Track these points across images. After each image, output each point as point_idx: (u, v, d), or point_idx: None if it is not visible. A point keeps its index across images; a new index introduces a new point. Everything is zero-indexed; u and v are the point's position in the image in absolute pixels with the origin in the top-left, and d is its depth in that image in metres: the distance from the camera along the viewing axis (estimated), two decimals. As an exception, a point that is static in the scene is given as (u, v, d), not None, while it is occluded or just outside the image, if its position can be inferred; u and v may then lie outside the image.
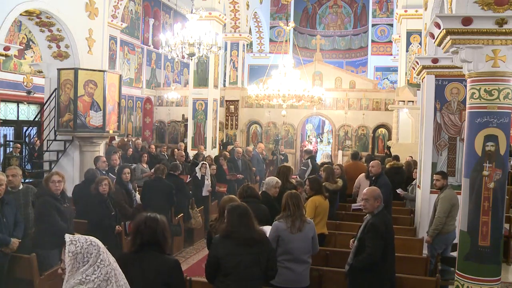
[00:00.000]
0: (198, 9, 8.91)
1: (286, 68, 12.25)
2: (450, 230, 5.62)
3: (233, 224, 3.47)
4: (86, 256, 2.04)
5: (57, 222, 4.96)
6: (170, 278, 2.92)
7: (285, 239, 4.09)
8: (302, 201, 4.37)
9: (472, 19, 3.99)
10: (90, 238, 2.12)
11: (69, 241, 2.05)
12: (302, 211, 4.27)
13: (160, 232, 2.96)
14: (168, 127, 17.66)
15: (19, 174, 5.21)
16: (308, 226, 4.21)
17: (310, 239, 4.20)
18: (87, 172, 6.82)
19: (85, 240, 2.08)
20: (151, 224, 2.96)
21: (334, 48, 23.96)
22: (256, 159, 12.05)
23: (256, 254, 3.44)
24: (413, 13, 12.10)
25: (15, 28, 12.29)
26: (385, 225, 4.01)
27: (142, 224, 2.96)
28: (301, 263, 4.15)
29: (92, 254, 2.06)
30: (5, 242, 4.48)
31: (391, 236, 4.07)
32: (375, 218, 4.02)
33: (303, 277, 4.18)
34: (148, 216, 3.01)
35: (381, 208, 4.07)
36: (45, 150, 8.47)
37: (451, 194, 5.65)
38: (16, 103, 12.84)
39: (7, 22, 6.81)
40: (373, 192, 4.12)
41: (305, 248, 4.16)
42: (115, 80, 8.56)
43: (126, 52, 16.60)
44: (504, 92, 4.09)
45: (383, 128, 15.46)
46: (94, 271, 2.03)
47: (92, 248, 2.07)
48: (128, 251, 3.03)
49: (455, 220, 5.53)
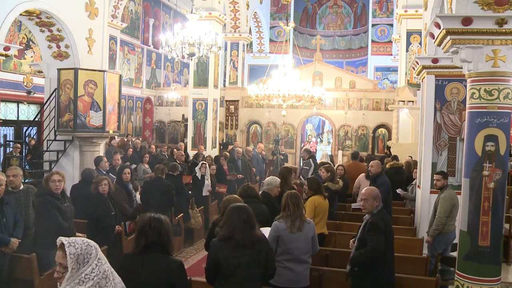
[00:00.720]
0: (198, 9, 8.91)
1: (286, 68, 12.24)
2: (450, 230, 5.62)
3: (235, 226, 3.41)
4: (86, 257, 2.07)
5: (59, 221, 4.97)
6: (174, 280, 2.92)
7: (285, 239, 4.09)
8: (302, 201, 4.37)
9: (472, 19, 3.99)
10: (84, 239, 2.15)
11: (67, 244, 2.05)
12: (302, 211, 4.26)
13: (165, 232, 2.95)
14: (168, 127, 17.66)
15: (20, 175, 5.22)
16: (308, 226, 4.21)
17: (310, 239, 4.20)
18: (84, 171, 6.82)
19: (82, 241, 2.11)
20: (156, 224, 2.94)
21: (334, 48, 23.96)
22: (256, 159, 12.06)
23: (255, 255, 3.42)
24: (413, 13, 12.10)
25: (15, 28, 12.29)
26: (384, 224, 4.01)
27: (146, 225, 2.94)
28: (301, 263, 4.14)
29: (92, 254, 2.08)
30: (5, 242, 4.48)
31: (390, 236, 4.07)
32: (374, 217, 4.03)
33: (303, 277, 4.17)
34: (152, 217, 2.98)
35: (380, 208, 4.08)
36: (45, 150, 8.48)
37: (452, 194, 5.66)
38: (16, 103, 12.84)
39: (7, 22, 6.81)
40: (372, 192, 4.12)
41: (305, 248, 4.15)
42: (115, 80, 8.56)
43: (126, 52, 16.60)
44: (504, 92, 4.09)
45: (383, 128, 15.47)
46: (93, 270, 2.06)
47: (90, 249, 2.09)
48: (132, 252, 3.01)
49: (455, 220, 5.53)
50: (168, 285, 2.90)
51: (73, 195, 6.41)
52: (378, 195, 4.09)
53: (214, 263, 3.42)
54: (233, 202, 3.87)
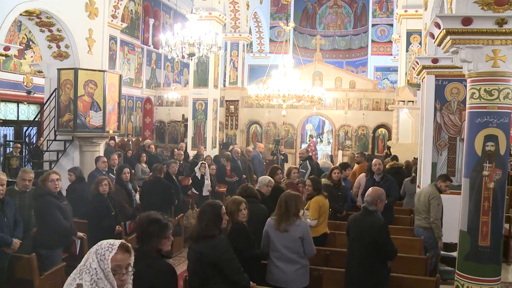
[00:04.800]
0: (198, 9, 8.91)
1: (286, 68, 12.23)
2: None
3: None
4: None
5: (60, 220, 5.01)
6: (157, 283, 2.79)
7: (271, 235, 4.19)
8: (295, 204, 4.24)
9: (472, 19, 3.99)
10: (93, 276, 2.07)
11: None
12: (293, 211, 4.18)
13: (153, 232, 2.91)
14: (168, 127, 17.66)
15: (33, 178, 5.23)
16: (296, 228, 4.13)
17: (297, 240, 4.12)
18: (75, 169, 6.78)
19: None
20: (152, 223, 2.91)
21: (334, 48, 23.96)
22: (258, 160, 11.92)
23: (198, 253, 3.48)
24: (413, 13, 12.10)
25: (15, 28, 12.29)
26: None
27: (144, 224, 2.91)
28: (291, 263, 4.12)
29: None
30: (8, 242, 4.48)
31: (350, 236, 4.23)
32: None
33: (296, 278, 4.12)
34: (149, 216, 2.96)
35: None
36: (45, 150, 8.47)
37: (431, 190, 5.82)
38: (16, 103, 12.84)
39: (7, 22, 6.81)
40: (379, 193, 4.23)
41: (292, 248, 4.13)
42: (115, 80, 8.56)
43: (126, 52, 16.60)
44: (504, 92, 4.09)
45: (383, 128, 15.47)
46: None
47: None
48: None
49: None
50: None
51: (68, 194, 6.39)
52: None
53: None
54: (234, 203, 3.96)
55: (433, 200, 5.64)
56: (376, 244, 4.00)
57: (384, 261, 4.10)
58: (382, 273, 4.07)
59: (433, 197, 5.67)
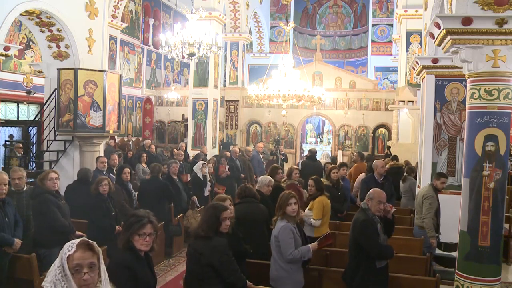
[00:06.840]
0: (198, 9, 8.92)
1: (286, 68, 12.24)
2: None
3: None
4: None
5: (59, 218, 5.02)
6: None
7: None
8: (286, 201, 4.20)
9: (472, 19, 3.99)
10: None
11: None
12: (283, 210, 4.19)
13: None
14: (168, 127, 17.66)
15: (24, 176, 5.23)
16: (277, 226, 4.14)
17: (274, 238, 4.13)
18: (80, 171, 6.78)
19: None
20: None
21: (334, 48, 23.96)
22: (257, 160, 11.92)
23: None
24: (413, 13, 12.10)
25: (15, 28, 12.29)
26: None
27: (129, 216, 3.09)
28: (273, 261, 4.17)
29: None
30: (9, 242, 4.48)
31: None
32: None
33: (276, 278, 4.11)
34: (137, 211, 3.10)
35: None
36: (45, 150, 8.47)
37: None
38: (16, 103, 12.84)
39: (7, 22, 6.81)
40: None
41: (272, 245, 4.18)
42: (115, 80, 8.56)
43: (126, 52, 16.60)
44: (504, 92, 4.09)
45: (383, 128, 15.47)
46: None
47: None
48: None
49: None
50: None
51: (67, 194, 6.38)
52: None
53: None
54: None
55: (426, 199, 5.73)
56: (358, 240, 4.06)
57: (370, 257, 4.02)
58: (369, 268, 4.01)
59: (426, 197, 5.75)
